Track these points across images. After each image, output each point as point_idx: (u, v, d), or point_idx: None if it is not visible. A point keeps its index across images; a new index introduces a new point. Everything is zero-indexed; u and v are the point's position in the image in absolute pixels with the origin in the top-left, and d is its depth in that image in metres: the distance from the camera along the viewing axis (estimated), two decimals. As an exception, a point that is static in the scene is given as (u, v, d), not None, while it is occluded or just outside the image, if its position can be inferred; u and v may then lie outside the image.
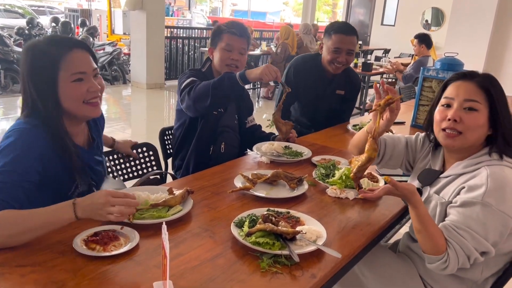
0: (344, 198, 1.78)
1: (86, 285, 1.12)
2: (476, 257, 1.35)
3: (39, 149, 1.41)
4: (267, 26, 20.44)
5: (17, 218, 1.24)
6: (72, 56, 1.47)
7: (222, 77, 2.15)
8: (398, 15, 13.59)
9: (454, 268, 1.36)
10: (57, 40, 1.52)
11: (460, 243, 1.35)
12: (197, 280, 1.17)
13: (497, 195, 1.34)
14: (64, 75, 1.46)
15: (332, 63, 2.81)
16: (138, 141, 2.31)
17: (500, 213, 1.33)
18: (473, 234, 1.34)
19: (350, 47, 2.77)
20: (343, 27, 2.80)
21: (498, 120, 1.43)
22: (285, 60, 8.54)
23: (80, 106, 1.51)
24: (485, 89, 1.43)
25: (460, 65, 2.95)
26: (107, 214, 1.27)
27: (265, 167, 2.13)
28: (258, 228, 1.35)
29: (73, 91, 1.48)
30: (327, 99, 2.98)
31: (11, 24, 12.97)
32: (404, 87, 5.50)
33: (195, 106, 2.21)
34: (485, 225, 1.33)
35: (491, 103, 1.42)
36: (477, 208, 1.34)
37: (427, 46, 6.23)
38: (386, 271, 1.67)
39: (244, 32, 2.39)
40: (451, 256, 1.34)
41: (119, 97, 8.67)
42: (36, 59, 1.45)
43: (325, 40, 2.84)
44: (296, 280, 1.20)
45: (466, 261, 1.35)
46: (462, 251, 1.34)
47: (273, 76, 2.08)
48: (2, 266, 1.17)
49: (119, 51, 9.57)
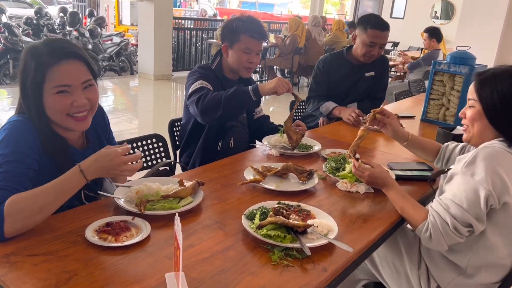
0: (354, 192, 1.77)
1: (98, 275, 1.12)
2: (455, 224, 1.42)
3: (33, 139, 1.42)
4: (275, 18, 20.35)
5: (28, 199, 1.26)
6: (58, 69, 1.42)
7: (235, 91, 2.10)
8: (408, 8, 13.47)
9: (438, 237, 1.44)
10: (51, 48, 1.45)
11: (438, 210, 1.46)
12: (208, 272, 1.17)
13: (474, 165, 1.44)
14: (48, 86, 1.42)
15: (365, 55, 2.97)
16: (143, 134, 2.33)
17: (473, 181, 1.42)
18: (452, 202, 1.44)
19: (384, 42, 2.97)
20: (380, 23, 2.94)
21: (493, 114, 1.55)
22: (293, 52, 8.49)
23: (63, 118, 1.47)
24: (476, 89, 1.59)
25: (472, 59, 2.91)
26: (121, 172, 1.37)
27: (274, 159, 2.12)
28: (270, 221, 1.35)
29: (56, 103, 1.44)
30: (359, 86, 3.13)
31: (19, 14, 12.98)
32: (413, 81, 5.46)
33: (203, 117, 2.16)
34: (462, 194, 1.43)
35: (481, 101, 1.57)
36: (457, 178, 1.48)
37: (437, 40, 6.17)
38: (392, 241, 1.75)
39: (264, 35, 2.34)
40: (431, 223, 1.46)
41: (126, 88, 8.68)
42: (28, 64, 1.43)
43: (360, 32, 2.96)
44: (307, 273, 1.20)
45: (446, 228, 1.43)
46: (440, 217, 1.44)
47: (286, 88, 2.08)
48: (15, 255, 1.17)
49: (127, 42, 9.55)
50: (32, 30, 9.44)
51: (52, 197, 1.29)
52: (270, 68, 9.12)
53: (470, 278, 1.56)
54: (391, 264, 1.75)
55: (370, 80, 3.15)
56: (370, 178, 1.70)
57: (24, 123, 1.43)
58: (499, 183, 1.41)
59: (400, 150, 2.37)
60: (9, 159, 1.33)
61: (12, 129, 1.41)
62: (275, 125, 2.63)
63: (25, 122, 1.44)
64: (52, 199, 1.29)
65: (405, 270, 1.71)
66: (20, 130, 1.41)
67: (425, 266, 1.67)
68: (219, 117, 2.11)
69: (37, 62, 1.41)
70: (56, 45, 1.46)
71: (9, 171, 1.32)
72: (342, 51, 3.17)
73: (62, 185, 1.32)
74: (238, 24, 2.30)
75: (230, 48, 2.33)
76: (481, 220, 1.43)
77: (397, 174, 1.91)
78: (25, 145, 1.39)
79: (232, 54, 2.33)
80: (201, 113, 2.14)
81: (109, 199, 1.54)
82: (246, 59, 2.31)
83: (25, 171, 1.35)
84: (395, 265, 1.74)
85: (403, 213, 1.58)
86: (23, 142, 1.39)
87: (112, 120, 1.88)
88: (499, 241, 1.51)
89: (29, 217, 1.25)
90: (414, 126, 3.00)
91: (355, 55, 3.06)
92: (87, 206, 1.51)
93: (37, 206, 1.26)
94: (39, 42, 1.50)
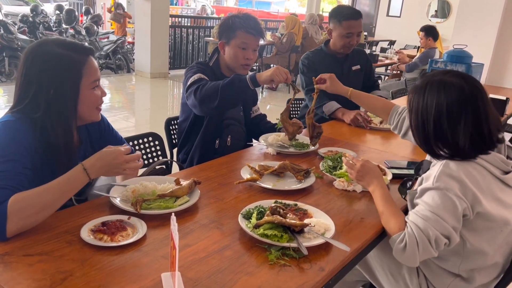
0: (351, 191, 1.77)
1: (94, 275, 1.11)
2: (436, 237, 1.36)
3: (26, 139, 1.41)
4: (272, 16, 20.31)
5: (31, 198, 1.26)
6: (90, 64, 1.52)
7: (232, 79, 2.08)
8: (404, 6, 13.48)
9: (413, 250, 1.36)
10: (73, 45, 1.52)
11: (417, 221, 1.39)
12: (205, 272, 1.17)
13: (444, 179, 1.39)
14: (86, 81, 1.51)
15: (345, 47, 3.01)
16: (140, 132, 2.32)
17: (447, 194, 1.37)
18: (432, 213, 1.37)
19: (360, 30, 3.00)
20: (352, 13, 3.00)
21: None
22: (290, 50, 8.49)
23: (93, 111, 1.59)
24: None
25: (469, 57, 2.92)
26: (123, 170, 1.43)
27: (271, 158, 2.11)
28: (266, 220, 1.34)
29: (92, 97, 1.55)
30: (346, 78, 3.07)
31: (15, 11, 12.93)
32: (409, 79, 5.46)
33: (201, 107, 2.15)
34: (439, 206, 1.37)
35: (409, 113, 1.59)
36: (431, 193, 1.40)
37: (433, 38, 6.18)
38: (386, 246, 1.69)
39: (260, 31, 2.33)
40: (408, 234, 1.38)
41: (123, 86, 8.65)
42: (57, 64, 1.46)
43: (335, 26, 3.00)
44: (304, 273, 1.19)
45: (425, 241, 1.36)
46: (418, 229, 1.37)
47: (284, 77, 2.05)
48: (10, 255, 1.16)
49: (123, 40, 9.54)
50: (28, 28, 9.41)
51: (55, 196, 1.30)
52: (267, 66, 9.11)
53: (467, 282, 1.55)
54: (388, 272, 1.71)
55: (358, 73, 3.22)
56: (362, 168, 1.65)
57: (18, 122, 1.43)
58: (470, 195, 1.38)
59: (398, 149, 2.38)
60: (6, 158, 1.33)
61: (7, 128, 1.41)
62: (272, 123, 2.62)
63: (19, 122, 1.43)
64: (55, 198, 1.30)
65: (404, 279, 1.66)
66: (15, 130, 1.41)
67: (423, 274, 1.64)
68: (216, 106, 2.09)
69: (69, 59, 1.47)
70: (73, 43, 1.54)
71: (7, 170, 1.31)
72: (321, 47, 3.19)
73: (65, 183, 1.33)
74: (235, 20, 2.30)
75: (227, 45, 2.32)
76: (457, 232, 1.40)
77: (394, 173, 1.91)
78: (20, 145, 1.39)
79: (229, 51, 2.32)
80: (199, 102, 2.12)
81: (105, 198, 1.53)
82: (242, 56, 2.30)
83: (23, 170, 1.35)
84: (392, 273, 1.70)
85: (381, 218, 1.51)
86: (18, 142, 1.39)
87: (109, 118, 1.88)
88: (483, 245, 1.48)
89: (31, 215, 1.25)
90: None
91: (334, 49, 3.09)
92: (83, 206, 1.50)
93: (40, 205, 1.26)
94: (46, 42, 1.51)
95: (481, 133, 1.42)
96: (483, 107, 1.42)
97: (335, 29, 3.00)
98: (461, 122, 1.41)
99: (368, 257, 1.75)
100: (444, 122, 1.42)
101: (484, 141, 1.43)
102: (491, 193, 1.43)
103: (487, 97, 1.46)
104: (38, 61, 1.45)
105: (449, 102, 1.42)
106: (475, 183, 1.40)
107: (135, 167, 1.48)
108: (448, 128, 1.42)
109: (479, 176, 1.42)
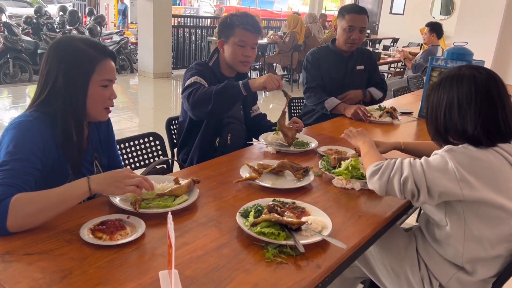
0: (350, 189, 1.77)
1: (93, 273, 1.13)
2: (408, 178, 1.42)
3: (40, 139, 1.46)
4: (275, 15, 20.29)
5: (32, 198, 1.29)
6: (106, 64, 1.58)
7: (226, 85, 2.10)
8: (407, 4, 13.43)
9: (384, 175, 1.48)
10: (95, 44, 1.59)
11: (404, 160, 1.48)
12: (202, 270, 1.18)
13: (455, 149, 1.44)
14: (96, 78, 1.55)
15: (347, 42, 3.05)
16: (143, 132, 2.32)
17: (445, 159, 1.42)
18: (419, 163, 1.44)
19: (362, 25, 3.03)
20: (355, 7, 3.11)
21: None
22: (293, 49, 8.48)
23: (100, 109, 1.62)
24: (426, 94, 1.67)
25: (470, 54, 2.90)
26: (125, 186, 1.38)
27: (270, 157, 2.12)
28: (264, 218, 1.35)
29: (99, 94, 1.58)
30: (350, 76, 3.20)
31: (19, 13, 13.00)
32: (412, 77, 5.45)
33: (194, 112, 2.17)
34: (432, 164, 1.43)
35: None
36: (436, 156, 1.47)
37: (437, 35, 6.16)
38: (387, 243, 1.74)
39: (258, 28, 2.35)
40: (387, 162, 1.50)
41: (126, 86, 8.68)
42: (74, 56, 1.53)
43: (339, 21, 3.09)
44: (301, 270, 1.20)
45: (398, 173, 1.45)
46: (400, 163, 1.47)
47: (276, 84, 2.07)
48: (10, 254, 1.18)
49: (127, 40, 9.56)
50: (32, 29, 9.45)
51: (55, 201, 1.31)
52: (269, 65, 9.12)
53: (471, 275, 1.55)
54: (389, 268, 1.71)
55: (362, 73, 3.25)
56: (357, 133, 1.90)
57: (33, 122, 1.47)
58: (474, 174, 1.39)
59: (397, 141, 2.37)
60: (16, 157, 1.37)
61: (20, 128, 1.45)
62: (272, 123, 2.63)
63: (34, 122, 1.47)
64: (54, 202, 1.30)
65: (405, 273, 1.66)
66: (28, 129, 1.45)
67: (425, 266, 1.64)
68: (209, 111, 2.11)
69: (86, 54, 1.53)
70: (97, 42, 1.62)
71: (16, 168, 1.35)
72: (328, 45, 3.26)
73: (66, 190, 1.35)
74: (233, 18, 2.33)
75: (226, 43, 2.35)
76: (430, 195, 1.41)
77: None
78: (33, 145, 1.43)
79: (227, 49, 2.34)
80: (192, 107, 2.15)
81: (105, 197, 1.54)
82: (241, 53, 2.32)
83: (31, 170, 1.39)
84: (393, 268, 1.70)
85: (364, 163, 1.68)
86: (30, 141, 1.43)
87: (113, 119, 1.89)
88: (486, 233, 1.48)
89: (30, 215, 1.27)
90: (412, 122, 3.00)
91: (339, 46, 3.14)
92: (82, 205, 1.51)
93: (40, 206, 1.28)
94: (72, 37, 1.66)
95: (496, 122, 1.43)
96: (498, 97, 1.44)
97: (339, 24, 3.08)
98: (471, 109, 1.43)
99: (368, 253, 1.77)
100: (455, 111, 1.46)
101: (500, 131, 1.44)
102: (507, 183, 1.42)
103: (504, 89, 1.47)
104: (60, 51, 1.53)
105: (460, 92, 1.45)
106: (489, 168, 1.40)
107: (138, 182, 1.41)
108: (458, 118, 1.46)
109: (498, 163, 1.42)
